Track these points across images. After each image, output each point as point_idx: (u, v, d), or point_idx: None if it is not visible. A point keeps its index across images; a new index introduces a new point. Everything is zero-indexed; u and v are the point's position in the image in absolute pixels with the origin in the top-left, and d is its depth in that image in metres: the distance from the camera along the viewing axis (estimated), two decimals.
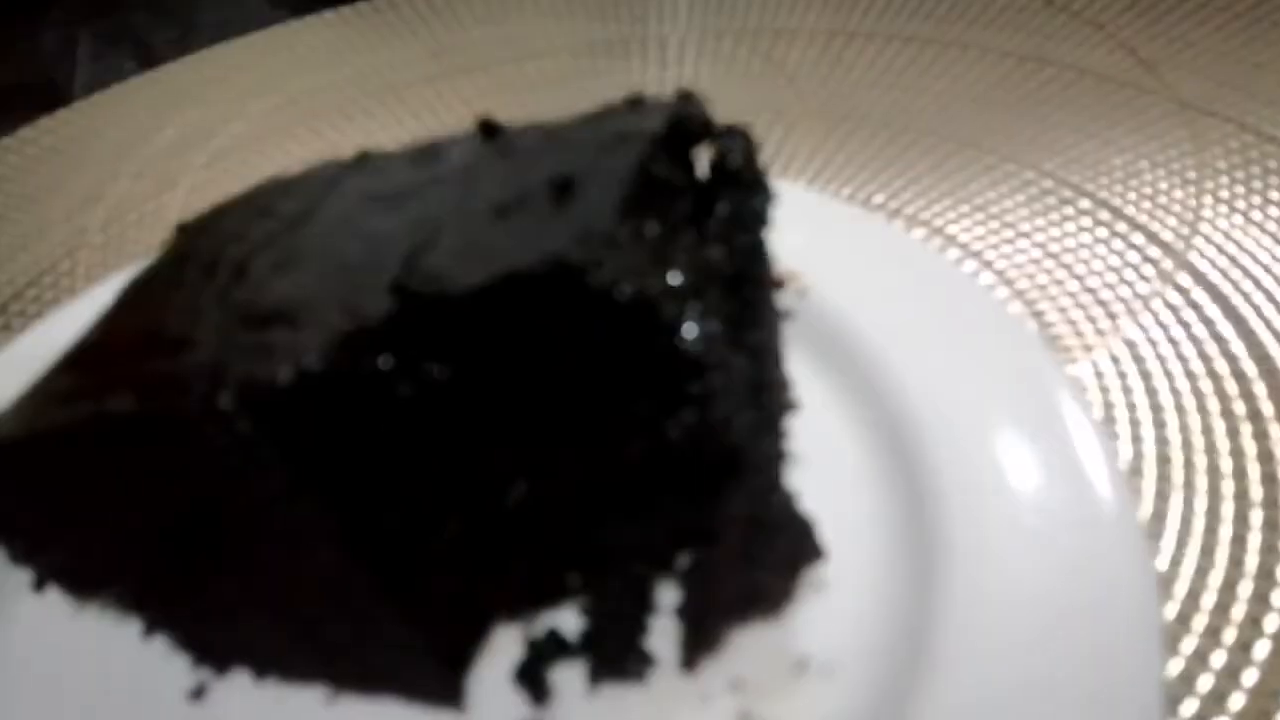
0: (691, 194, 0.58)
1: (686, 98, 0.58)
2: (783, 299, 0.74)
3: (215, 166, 1.29)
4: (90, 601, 0.65)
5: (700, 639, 0.57)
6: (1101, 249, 0.92)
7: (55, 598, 0.61)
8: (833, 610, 0.58)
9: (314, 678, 0.62)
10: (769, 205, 0.61)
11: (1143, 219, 0.94)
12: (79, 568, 0.58)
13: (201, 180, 1.26)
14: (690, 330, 0.47)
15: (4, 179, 1.27)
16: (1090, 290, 0.87)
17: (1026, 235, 0.94)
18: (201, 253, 0.66)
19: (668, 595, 0.60)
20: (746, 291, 0.61)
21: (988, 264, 0.92)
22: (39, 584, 0.61)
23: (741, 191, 0.60)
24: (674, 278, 0.49)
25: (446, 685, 0.59)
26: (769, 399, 0.61)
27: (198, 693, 0.62)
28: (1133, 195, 0.97)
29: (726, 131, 0.59)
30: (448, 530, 0.53)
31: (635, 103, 0.60)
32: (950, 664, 0.52)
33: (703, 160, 0.61)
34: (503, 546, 0.56)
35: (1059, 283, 0.88)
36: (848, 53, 1.29)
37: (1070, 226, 0.95)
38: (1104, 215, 0.96)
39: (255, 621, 0.57)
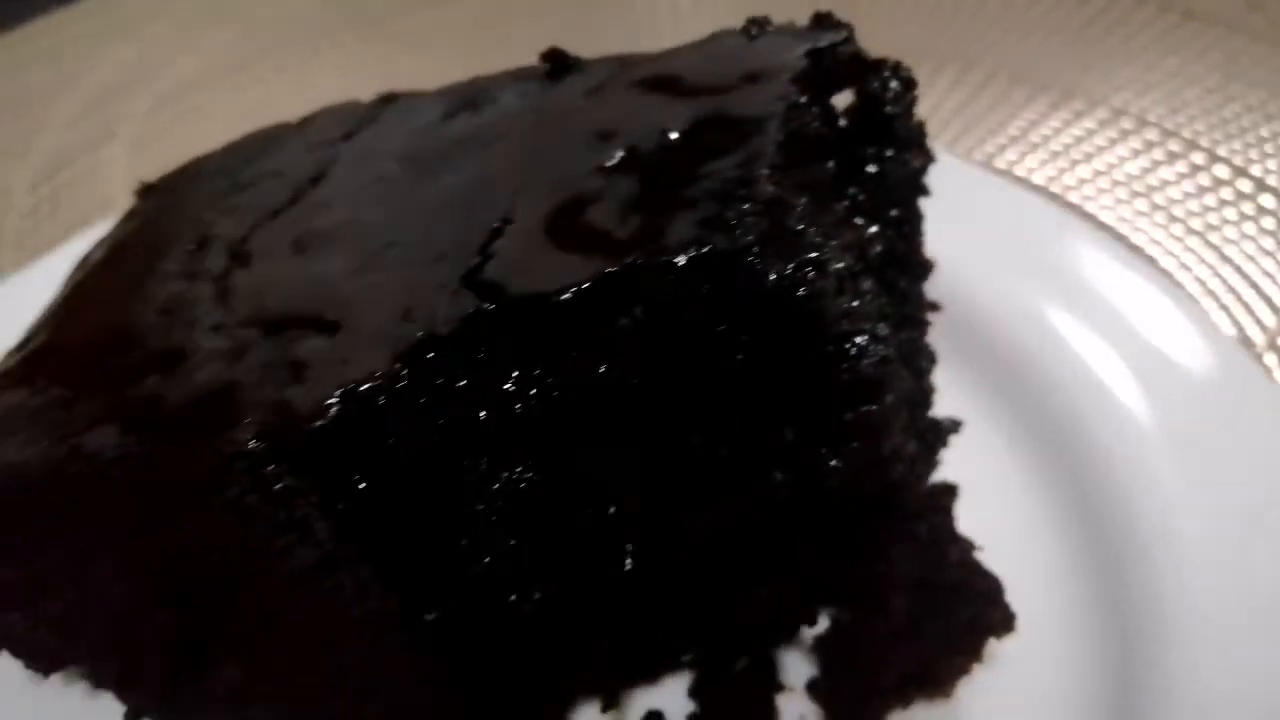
0: (838, 151, 0.49)
1: (828, 22, 0.49)
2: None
3: (162, 112, 1.17)
4: (54, 675, 0.55)
5: None
6: (1250, 227, 0.84)
7: (9, 667, 0.51)
8: (1015, 689, 0.49)
9: None
10: (927, 166, 0.52)
11: None
12: (48, 636, 0.48)
13: (146, 130, 1.14)
14: (867, 341, 0.39)
15: None
16: (1245, 275, 0.79)
17: (1163, 208, 0.86)
18: (178, 224, 0.56)
19: (800, 669, 0.52)
20: (897, 278, 0.52)
21: (1104, 228, 0.83)
22: None
23: (895, 148, 0.50)
24: (839, 270, 0.40)
25: None
26: (924, 417, 0.52)
27: None
28: (1272, 164, 0.90)
29: (879, 68, 0.50)
30: (535, 595, 0.44)
31: (758, 29, 0.50)
32: None
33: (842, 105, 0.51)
34: (598, 609, 0.46)
35: (1206, 264, 0.80)
36: None
37: (1210, 199, 0.87)
38: (1245, 186, 0.88)
39: (272, 709, 0.48)
